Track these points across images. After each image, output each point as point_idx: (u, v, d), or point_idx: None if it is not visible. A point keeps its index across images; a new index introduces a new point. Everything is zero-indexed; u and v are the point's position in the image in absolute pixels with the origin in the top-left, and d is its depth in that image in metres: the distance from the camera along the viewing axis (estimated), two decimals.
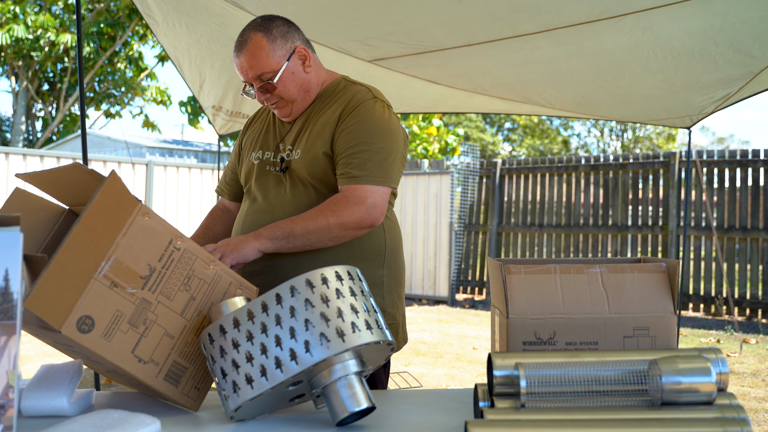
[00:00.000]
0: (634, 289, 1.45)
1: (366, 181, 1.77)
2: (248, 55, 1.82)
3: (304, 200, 1.85)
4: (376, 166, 1.78)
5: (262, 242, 1.71)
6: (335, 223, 1.73)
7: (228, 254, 1.66)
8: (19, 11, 14.87)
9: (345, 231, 1.75)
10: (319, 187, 1.85)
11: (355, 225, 1.75)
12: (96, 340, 1.25)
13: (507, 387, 1.24)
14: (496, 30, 3.20)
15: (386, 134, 1.83)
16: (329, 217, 1.73)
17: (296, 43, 1.87)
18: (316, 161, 1.83)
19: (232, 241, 1.70)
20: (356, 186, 1.77)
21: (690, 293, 8.58)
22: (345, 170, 1.79)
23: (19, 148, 9.78)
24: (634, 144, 27.47)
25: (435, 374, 5.46)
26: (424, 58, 3.69)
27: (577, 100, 4.20)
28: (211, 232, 2.09)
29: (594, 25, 3.04)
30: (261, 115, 2.10)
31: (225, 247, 1.67)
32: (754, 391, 4.96)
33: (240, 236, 1.73)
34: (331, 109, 1.87)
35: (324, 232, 1.73)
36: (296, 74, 1.86)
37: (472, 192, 10.39)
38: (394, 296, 1.94)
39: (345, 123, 1.82)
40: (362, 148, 1.79)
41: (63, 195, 1.55)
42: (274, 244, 1.72)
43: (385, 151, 1.81)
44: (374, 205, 1.77)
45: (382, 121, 1.84)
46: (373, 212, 1.77)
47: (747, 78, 3.58)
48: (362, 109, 1.83)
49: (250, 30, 1.84)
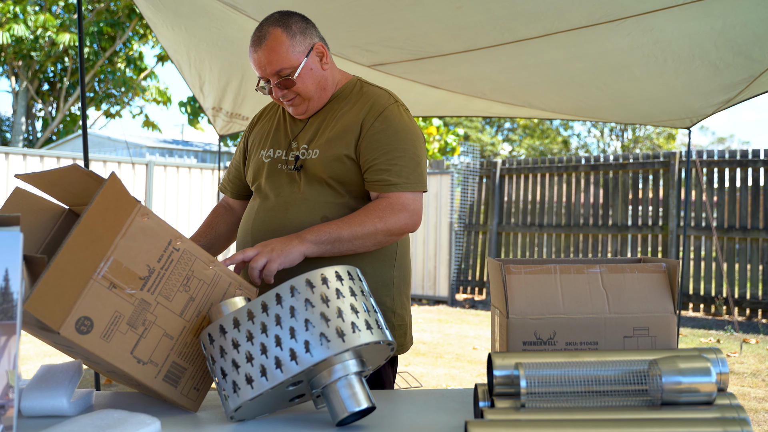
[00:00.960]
0: (634, 289, 1.45)
1: (406, 188, 1.80)
2: (267, 51, 1.80)
3: (320, 199, 1.83)
4: (411, 172, 1.82)
5: (308, 246, 1.68)
6: (382, 229, 1.75)
7: (275, 259, 1.62)
8: (19, 11, 14.87)
9: (389, 237, 1.79)
10: (337, 187, 1.84)
11: (399, 231, 1.79)
12: (95, 341, 1.25)
13: (507, 387, 1.24)
14: (496, 35, 3.20)
15: (414, 139, 1.86)
16: (377, 223, 1.74)
17: (314, 39, 1.86)
18: (337, 162, 1.82)
19: (276, 245, 1.65)
20: (399, 194, 1.80)
21: (690, 293, 8.58)
22: (382, 177, 1.80)
23: (19, 148, 9.78)
24: (634, 144, 27.46)
25: (435, 374, 5.46)
26: (424, 63, 3.68)
27: (577, 104, 4.19)
28: (213, 231, 2.07)
29: (594, 29, 3.03)
30: (269, 113, 2.07)
31: (271, 252, 1.63)
32: (754, 391, 4.96)
33: (282, 238, 1.68)
34: (352, 111, 1.87)
35: (370, 238, 1.75)
36: (314, 71, 1.85)
37: (472, 192, 10.39)
38: (403, 297, 1.95)
39: (373, 128, 1.82)
40: (397, 155, 1.81)
41: (63, 195, 1.55)
42: (320, 248, 1.70)
43: (418, 156, 1.85)
44: (415, 211, 1.81)
45: (409, 126, 1.87)
46: (415, 218, 1.82)
47: (747, 82, 3.57)
48: (388, 114, 1.84)
49: (269, 25, 1.82)
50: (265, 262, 1.61)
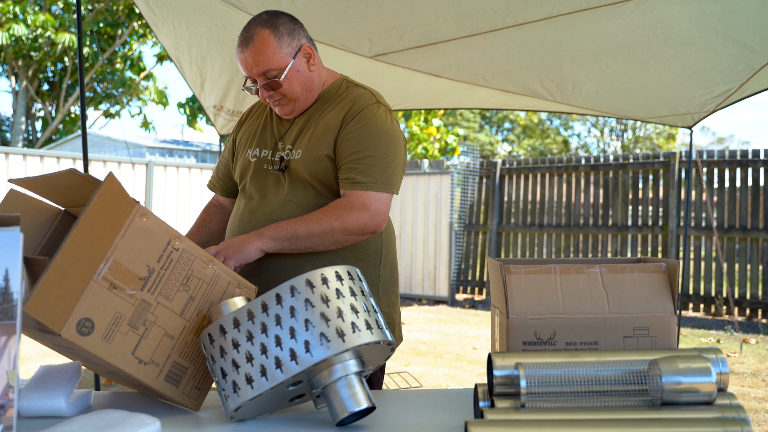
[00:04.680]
0: (634, 289, 1.45)
1: (370, 187, 1.79)
2: (254, 51, 1.80)
3: (304, 201, 1.84)
4: (379, 172, 1.80)
5: (265, 242, 1.71)
6: (339, 228, 1.74)
7: (231, 256, 1.66)
8: (19, 11, 14.87)
9: (348, 236, 1.77)
10: (320, 188, 1.85)
11: (358, 230, 1.77)
12: (96, 342, 1.25)
13: (507, 387, 1.24)
14: (497, 20, 3.22)
15: (389, 140, 1.84)
16: (333, 221, 1.74)
17: (302, 41, 1.87)
18: (318, 163, 1.83)
19: (234, 242, 1.70)
20: (360, 192, 1.78)
21: (690, 293, 8.58)
22: (349, 175, 1.80)
23: (19, 148, 9.78)
24: (634, 144, 27.46)
25: (435, 374, 5.46)
26: (426, 50, 3.70)
27: (578, 87, 4.19)
28: (206, 229, 2.08)
29: (595, 11, 3.06)
30: (256, 111, 2.08)
31: (228, 249, 1.67)
32: (754, 391, 4.96)
33: (241, 236, 1.72)
34: (334, 111, 1.87)
35: (327, 236, 1.75)
36: (301, 72, 1.85)
37: (472, 192, 10.39)
38: (390, 295, 1.95)
39: (349, 127, 1.82)
40: (366, 154, 1.80)
41: (59, 198, 1.54)
42: (277, 244, 1.72)
43: (389, 157, 1.83)
44: (377, 211, 1.79)
45: (386, 127, 1.85)
46: (377, 218, 1.79)
47: (747, 73, 3.58)
48: (366, 113, 1.84)
49: (256, 26, 1.82)
50: (222, 260, 1.65)
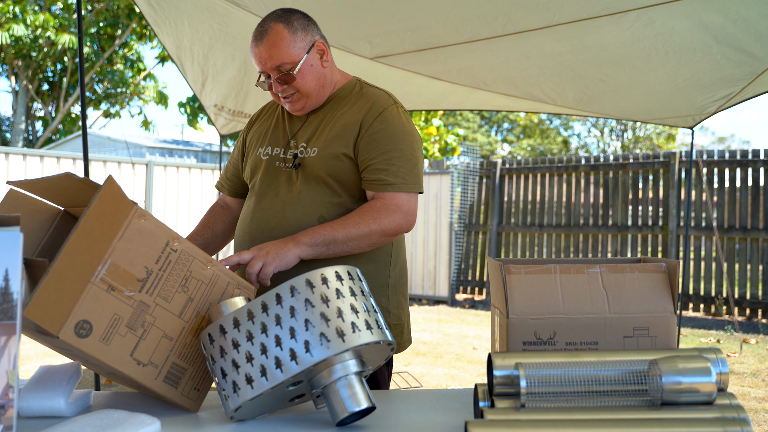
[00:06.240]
0: (634, 289, 1.45)
1: (401, 188, 1.81)
2: (268, 45, 1.82)
3: (317, 199, 1.84)
4: (408, 172, 1.83)
5: (303, 249, 1.69)
6: (377, 230, 1.76)
7: (270, 263, 1.63)
8: (19, 11, 14.87)
9: (384, 238, 1.79)
10: (334, 186, 1.85)
11: (394, 232, 1.80)
12: (94, 344, 1.25)
13: (507, 387, 1.24)
14: (498, 27, 3.23)
15: (412, 141, 1.88)
16: (371, 224, 1.75)
17: (315, 36, 1.88)
18: (335, 160, 1.83)
19: (272, 248, 1.66)
20: (393, 194, 1.81)
21: (690, 293, 8.58)
22: (379, 176, 1.81)
23: (19, 148, 9.77)
24: (634, 144, 27.45)
25: (435, 374, 5.46)
26: (426, 54, 3.71)
27: (579, 95, 4.19)
28: (210, 230, 2.07)
29: (595, 21, 3.06)
30: (267, 112, 2.09)
31: (266, 255, 1.64)
32: (754, 391, 4.96)
33: (277, 242, 1.69)
34: (352, 111, 1.88)
35: (365, 239, 1.76)
36: (314, 67, 1.87)
37: (472, 192, 10.39)
38: (399, 296, 1.95)
39: (371, 128, 1.84)
40: (394, 155, 1.82)
41: (58, 199, 1.54)
42: (315, 250, 1.71)
43: (415, 157, 1.86)
44: (410, 212, 1.82)
45: (408, 128, 1.88)
46: (410, 219, 1.82)
47: (749, 78, 3.58)
48: (387, 115, 1.86)
49: (271, 21, 1.84)
50: (260, 266, 1.62)
